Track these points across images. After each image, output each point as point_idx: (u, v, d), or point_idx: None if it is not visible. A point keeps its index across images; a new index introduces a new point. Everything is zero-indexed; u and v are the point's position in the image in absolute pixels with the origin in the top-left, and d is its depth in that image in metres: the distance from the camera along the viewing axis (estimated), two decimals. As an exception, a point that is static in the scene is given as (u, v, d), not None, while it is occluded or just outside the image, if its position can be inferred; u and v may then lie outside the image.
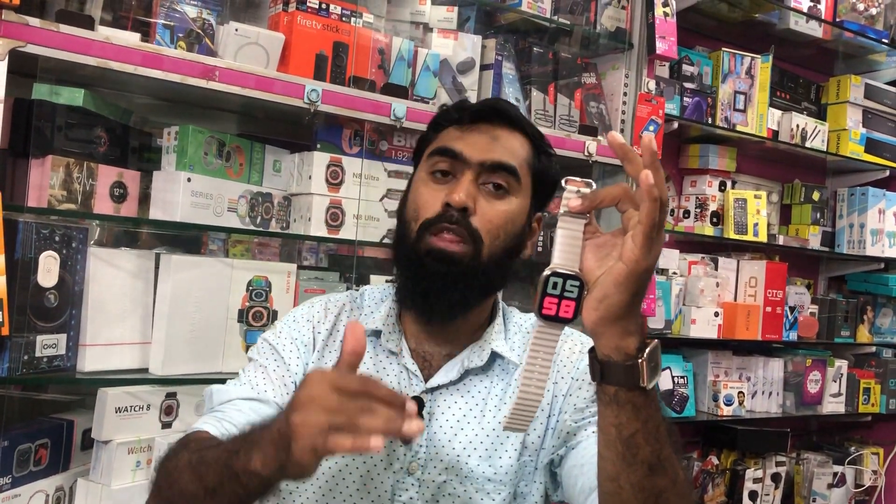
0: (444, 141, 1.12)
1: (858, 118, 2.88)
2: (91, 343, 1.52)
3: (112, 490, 1.49)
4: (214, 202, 1.64)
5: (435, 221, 1.05)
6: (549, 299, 0.82)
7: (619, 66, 2.23)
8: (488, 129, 1.11)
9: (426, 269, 1.05)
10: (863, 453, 2.96)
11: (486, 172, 1.08)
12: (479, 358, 1.11)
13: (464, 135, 1.11)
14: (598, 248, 0.83)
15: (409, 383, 1.11)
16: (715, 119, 2.52)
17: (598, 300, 0.80)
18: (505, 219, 1.08)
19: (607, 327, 0.81)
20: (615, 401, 0.83)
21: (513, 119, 1.13)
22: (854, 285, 3.05)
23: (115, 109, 1.62)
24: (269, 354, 1.14)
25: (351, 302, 1.21)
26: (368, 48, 1.78)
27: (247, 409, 1.07)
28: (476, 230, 1.05)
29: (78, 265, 1.50)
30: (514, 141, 1.12)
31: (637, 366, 0.81)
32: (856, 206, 2.90)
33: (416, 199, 1.10)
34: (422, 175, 1.12)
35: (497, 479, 1.07)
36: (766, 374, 2.67)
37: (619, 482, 0.85)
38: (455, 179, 1.08)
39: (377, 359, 1.14)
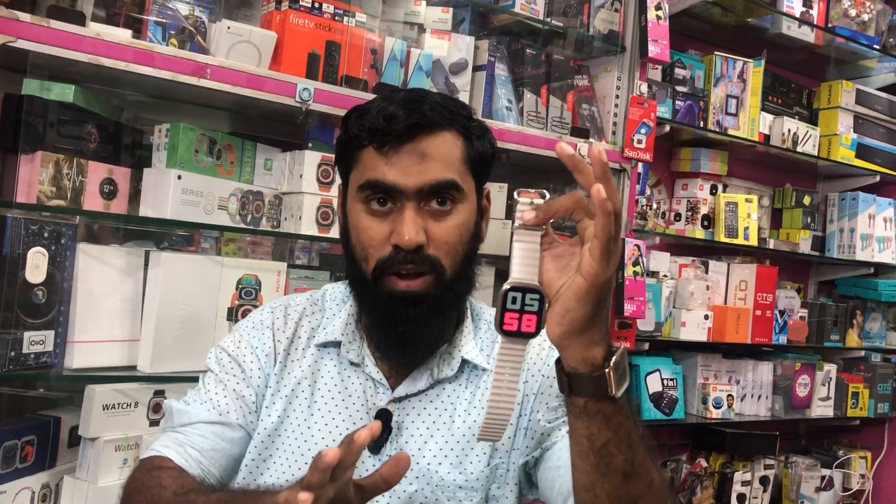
0: (369, 171, 1.03)
1: (850, 123, 2.89)
2: (79, 340, 1.51)
3: (99, 487, 1.49)
4: (205, 200, 1.64)
5: (390, 263, 1.01)
6: (510, 314, 0.79)
7: (611, 68, 2.24)
8: (413, 146, 1.02)
9: (393, 313, 1.02)
10: (851, 457, 2.97)
11: (426, 197, 1.02)
12: (449, 367, 1.09)
13: (390, 160, 1.02)
14: (556, 258, 0.81)
15: (375, 392, 1.09)
16: (707, 123, 2.53)
17: (560, 315, 0.79)
18: (459, 233, 1.04)
19: (572, 340, 0.80)
20: (585, 412, 0.82)
21: (436, 123, 1.03)
22: (844, 290, 3.07)
23: (106, 106, 1.62)
24: (228, 367, 1.12)
25: (311, 305, 1.18)
26: (361, 47, 1.78)
27: (209, 434, 1.07)
28: (434, 258, 1.02)
29: (67, 261, 1.49)
30: (445, 145, 1.04)
31: (604, 376, 0.80)
32: (846, 210, 2.92)
33: (361, 235, 1.04)
34: (357, 206, 1.05)
35: (468, 486, 1.06)
36: (755, 378, 2.68)
37: (595, 492, 0.85)
38: (395, 210, 1.03)
39: (340, 368, 1.11)
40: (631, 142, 2.18)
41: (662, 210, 2.64)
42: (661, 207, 2.63)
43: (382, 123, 1.02)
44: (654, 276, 2.42)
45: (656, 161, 2.34)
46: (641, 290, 2.18)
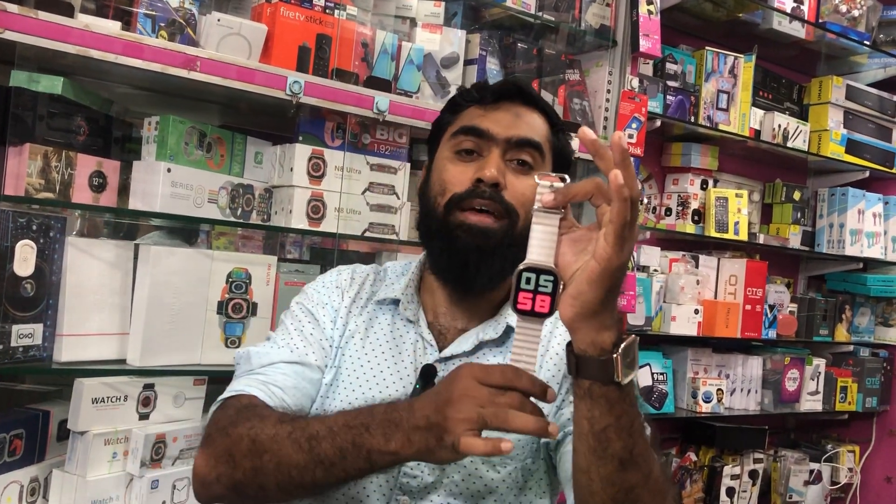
0: (466, 120, 1.13)
1: (840, 119, 2.90)
2: (68, 333, 1.51)
3: (88, 481, 1.49)
4: (195, 193, 1.63)
5: (466, 196, 1.07)
6: (524, 294, 0.82)
7: (602, 63, 2.24)
8: (510, 106, 1.13)
9: (458, 242, 1.07)
10: (839, 451, 2.99)
11: (512, 149, 1.10)
12: (493, 331, 1.13)
13: (487, 113, 1.12)
14: (574, 242, 0.83)
15: (424, 352, 1.14)
16: (698, 118, 2.54)
17: (573, 297, 0.81)
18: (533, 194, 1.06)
19: (583, 323, 0.82)
20: (589, 395, 0.84)
21: (533, 98, 1.15)
22: (833, 284, 3.08)
23: (95, 98, 1.61)
24: (302, 317, 1.18)
25: (375, 274, 1.25)
26: (352, 41, 1.77)
27: (291, 373, 1.11)
28: (510, 204, 1.08)
29: (56, 254, 1.49)
30: (536, 119, 1.14)
31: (611, 361, 0.82)
32: (836, 206, 2.93)
33: (443, 175, 1.11)
34: (446, 154, 1.13)
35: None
36: (744, 372, 2.69)
37: (590, 475, 0.86)
38: (482, 157, 1.10)
39: (394, 325, 1.17)
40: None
41: (653, 205, 2.64)
42: (652, 202, 2.64)
43: (486, 84, 1.16)
44: (645, 271, 2.43)
45: (647, 156, 2.34)
46: (632, 284, 2.19)
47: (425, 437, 0.85)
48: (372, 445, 0.88)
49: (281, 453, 0.93)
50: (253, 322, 1.70)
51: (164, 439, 1.57)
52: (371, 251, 1.95)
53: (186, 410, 1.64)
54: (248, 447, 0.95)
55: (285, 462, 0.92)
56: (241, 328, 1.69)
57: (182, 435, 1.60)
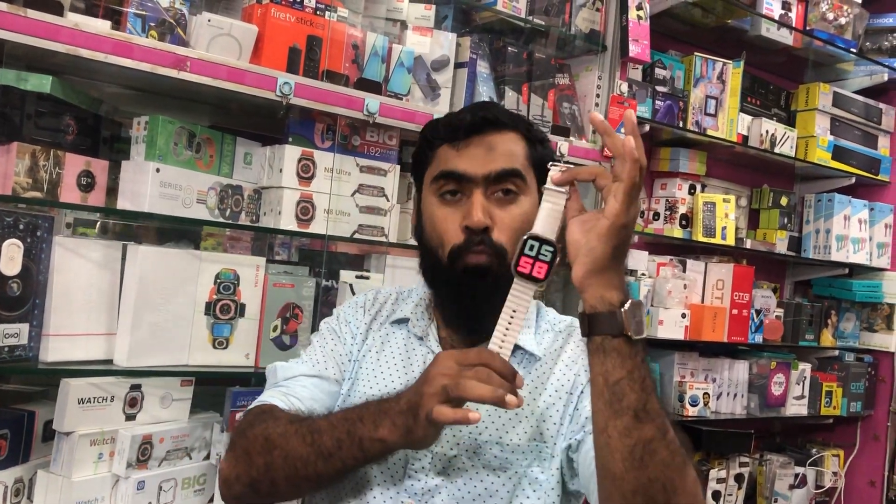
0: (442, 163, 1.16)
1: (826, 125, 2.93)
2: (55, 333, 1.50)
3: (73, 482, 1.48)
4: (183, 193, 1.63)
5: (464, 248, 1.11)
6: (525, 259, 0.94)
7: (592, 67, 2.25)
8: (481, 139, 1.14)
9: (466, 287, 1.12)
10: (824, 455, 3.01)
11: (493, 184, 1.13)
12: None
13: (460, 152, 1.14)
14: (582, 223, 0.94)
15: None
16: (686, 123, 2.55)
17: (584, 254, 0.91)
18: (521, 221, 1.13)
19: (593, 279, 0.91)
20: (601, 349, 0.91)
21: (503, 122, 1.16)
22: (819, 290, 3.11)
23: (84, 98, 1.60)
24: (327, 334, 1.26)
25: (398, 294, 1.31)
26: (342, 42, 1.78)
27: (310, 385, 1.19)
28: (497, 244, 1.11)
29: (43, 254, 1.48)
30: (510, 143, 1.16)
31: (619, 313, 0.90)
32: (822, 212, 2.95)
33: (436, 225, 1.15)
34: (431, 199, 1.17)
35: (503, 457, 1.10)
36: (731, 376, 2.71)
37: (608, 431, 0.90)
38: (466, 198, 1.14)
39: (408, 341, 1.22)
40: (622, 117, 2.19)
41: (641, 209, 2.65)
42: (640, 206, 2.65)
43: (454, 121, 1.17)
44: (633, 275, 2.44)
45: (636, 160, 2.35)
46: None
47: (406, 418, 0.96)
48: (363, 434, 0.98)
49: (288, 447, 1.03)
50: (241, 323, 1.70)
51: (151, 440, 1.56)
52: (360, 253, 1.95)
53: (173, 411, 1.63)
54: (261, 445, 1.05)
55: (291, 455, 1.02)
56: (229, 329, 1.68)
57: (169, 436, 1.60)
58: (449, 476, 1.10)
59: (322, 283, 1.81)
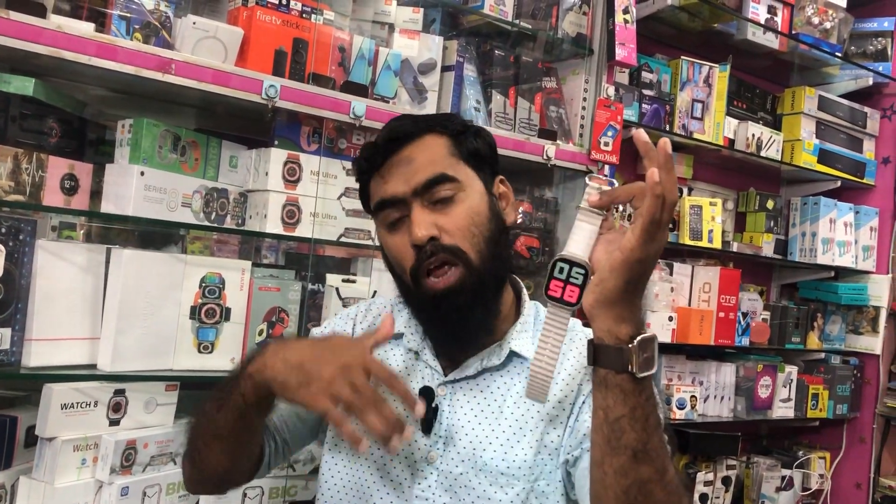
0: (376, 194, 1.16)
1: (812, 129, 2.94)
2: (37, 338, 1.48)
3: (56, 488, 1.46)
4: (168, 197, 1.62)
5: (418, 266, 1.10)
6: (556, 282, 0.90)
7: (579, 71, 2.25)
8: (399, 157, 1.13)
9: (437, 311, 1.10)
10: (810, 457, 3.02)
11: (424, 194, 1.11)
12: (497, 357, 1.15)
13: (385, 178, 1.14)
14: (609, 242, 0.89)
15: (431, 378, 1.17)
16: (672, 126, 2.56)
17: (595, 284, 0.87)
18: (468, 216, 1.11)
19: (602, 310, 0.87)
20: (604, 384, 0.87)
21: (413, 133, 1.14)
22: (805, 293, 3.12)
23: (68, 100, 1.59)
24: None
25: (391, 307, 1.28)
26: (328, 45, 1.77)
27: None
28: (452, 247, 1.09)
29: (25, 258, 1.47)
30: (428, 147, 1.14)
31: (626, 350, 0.85)
32: (808, 215, 2.96)
33: (391, 252, 1.16)
34: (381, 231, 1.17)
35: (510, 473, 1.09)
36: (718, 379, 2.71)
37: (604, 468, 0.88)
38: (406, 218, 1.12)
39: (406, 357, 1.21)
40: (598, 144, 2.19)
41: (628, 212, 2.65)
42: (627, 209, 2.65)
43: (369, 151, 1.16)
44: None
45: (623, 163, 2.36)
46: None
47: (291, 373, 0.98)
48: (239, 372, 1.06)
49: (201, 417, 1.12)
50: (226, 327, 1.69)
51: (135, 445, 1.55)
52: (347, 257, 1.95)
53: (158, 416, 1.62)
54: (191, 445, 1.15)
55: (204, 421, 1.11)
56: (215, 333, 1.67)
57: (153, 441, 1.59)
58: (456, 493, 1.09)
59: (308, 286, 1.80)
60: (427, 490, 1.10)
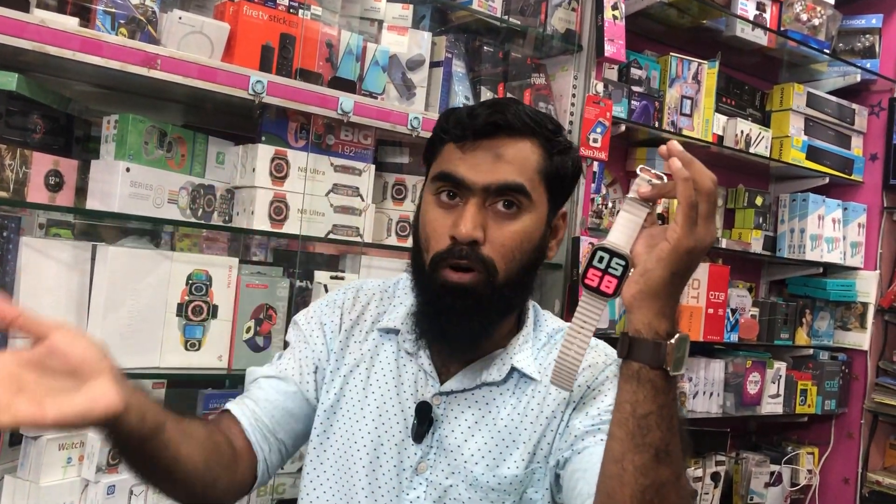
0: (445, 163, 1.07)
1: (801, 126, 2.95)
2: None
3: (41, 487, 1.45)
4: (154, 193, 1.61)
5: (445, 256, 1.04)
6: (594, 271, 0.88)
7: (568, 67, 2.25)
8: (491, 145, 1.05)
9: (442, 304, 1.05)
10: (799, 453, 3.04)
11: (492, 196, 1.04)
12: (497, 372, 1.10)
13: (465, 155, 1.05)
14: (651, 237, 0.87)
15: (426, 383, 1.12)
16: (662, 123, 2.56)
17: (639, 274, 0.85)
18: (520, 239, 1.05)
19: (643, 302, 0.85)
20: (636, 378, 0.86)
21: (517, 129, 1.06)
22: (794, 289, 3.13)
23: (53, 96, 1.58)
24: (295, 337, 1.20)
25: (382, 291, 1.22)
26: (316, 41, 1.76)
27: (266, 386, 1.14)
28: (487, 258, 1.03)
29: (10, 255, 1.45)
30: (522, 151, 1.06)
31: (664, 346, 0.84)
32: (797, 211, 2.97)
33: (426, 225, 1.08)
34: (428, 197, 1.09)
35: (500, 489, 1.07)
36: (707, 375, 2.72)
37: (623, 464, 0.86)
38: (462, 204, 1.05)
39: (398, 355, 1.15)
40: (587, 141, 2.19)
41: (618, 209, 2.66)
42: (617, 206, 2.66)
43: (465, 119, 1.06)
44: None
45: (612, 160, 2.36)
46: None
47: None
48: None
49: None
50: (213, 325, 1.68)
51: (121, 444, 1.54)
52: (336, 253, 1.94)
53: (144, 414, 1.61)
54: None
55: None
56: (202, 331, 1.66)
57: (140, 439, 1.57)
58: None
59: (296, 283, 1.80)
60: (416, 501, 1.07)
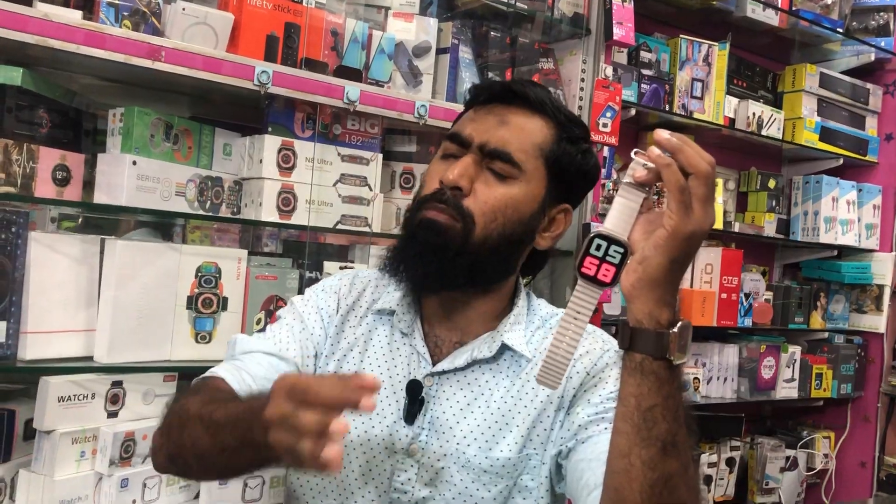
0: (457, 125, 1.13)
1: (813, 107, 2.91)
2: (33, 331, 1.47)
3: (56, 481, 1.46)
4: (161, 186, 1.60)
5: (428, 199, 1.07)
6: (591, 259, 0.85)
7: (576, 52, 2.22)
8: (502, 111, 1.09)
9: (412, 239, 1.07)
10: (814, 437, 3.01)
11: (486, 157, 1.07)
12: (488, 349, 1.11)
13: (476, 116, 1.11)
14: (648, 223, 0.85)
15: (418, 365, 1.12)
16: (672, 106, 2.53)
17: (637, 262, 0.83)
18: (504, 202, 1.06)
19: (643, 291, 0.83)
20: (640, 369, 0.83)
21: (532, 102, 1.09)
22: (808, 272, 3.10)
23: (58, 90, 1.57)
24: (291, 318, 1.18)
25: (377, 280, 1.22)
26: (321, 29, 1.75)
27: (265, 364, 1.11)
28: (466, 210, 1.05)
29: (18, 250, 1.45)
30: (529, 124, 1.09)
31: (667, 335, 0.82)
32: (810, 194, 2.94)
33: (424, 178, 1.13)
34: (436, 157, 1.14)
35: (493, 472, 1.06)
36: (721, 360, 2.70)
37: (630, 458, 0.84)
38: (459, 159, 1.09)
39: (392, 338, 1.15)
40: (596, 125, 2.17)
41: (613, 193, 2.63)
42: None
43: (486, 83, 1.14)
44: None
45: (622, 144, 2.33)
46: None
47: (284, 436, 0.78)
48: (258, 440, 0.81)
49: (195, 434, 0.93)
50: (223, 317, 1.67)
51: (134, 437, 1.54)
52: (346, 244, 1.93)
53: (156, 407, 1.61)
54: (178, 422, 0.97)
55: (197, 444, 0.93)
56: (212, 323, 1.66)
57: (152, 432, 1.57)
58: (437, 488, 1.07)
59: (306, 274, 1.79)
60: (406, 483, 1.07)
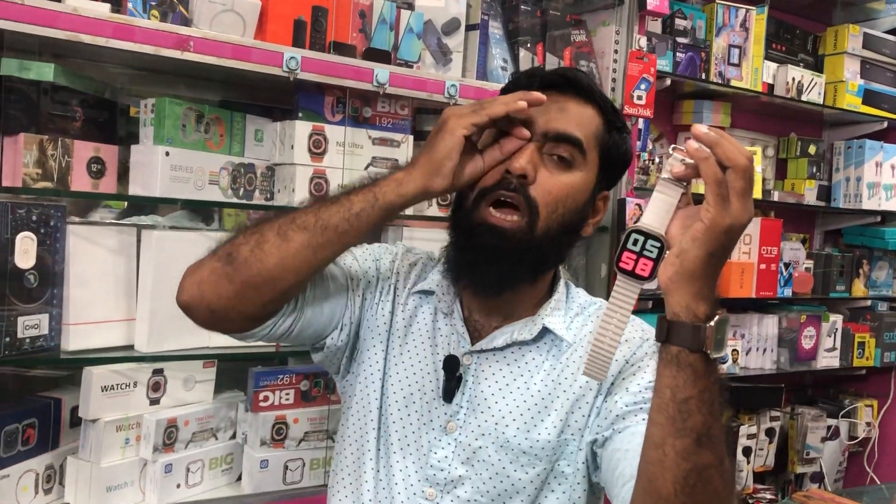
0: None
1: (856, 69, 2.82)
2: (74, 322, 1.50)
3: (102, 468, 1.50)
4: (195, 175, 1.61)
5: (492, 189, 1.04)
6: (628, 254, 0.85)
7: (609, 22, 2.17)
8: (557, 98, 1.08)
9: (476, 241, 1.05)
10: (857, 406, 2.97)
11: (550, 143, 1.06)
12: (528, 332, 1.10)
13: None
14: (686, 217, 0.85)
15: (458, 344, 1.12)
16: (709, 74, 2.47)
17: (675, 255, 0.83)
18: (566, 192, 1.06)
19: (681, 284, 0.83)
20: (675, 361, 0.84)
21: (585, 90, 1.09)
22: (850, 239, 3.03)
23: (89, 83, 1.58)
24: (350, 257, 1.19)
25: (428, 259, 1.22)
26: (349, 12, 1.73)
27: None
28: (533, 199, 1.04)
29: (57, 244, 1.48)
30: (585, 113, 1.09)
31: (703, 329, 0.82)
32: (852, 159, 2.86)
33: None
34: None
35: (532, 453, 1.06)
36: (760, 331, 2.66)
37: (664, 449, 0.84)
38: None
39: (435, 317, 1.16)
40: (631, 98, 2.13)
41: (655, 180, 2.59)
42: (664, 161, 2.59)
43: (542, 71, 1.14)
44: (657, 234, 2.39)
45: (658, 115, 2.29)
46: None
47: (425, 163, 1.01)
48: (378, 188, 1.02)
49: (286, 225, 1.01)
50: (260, 303, 1.69)
51: (176, 423, 1.58)
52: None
53: (197, 393, 1.64)
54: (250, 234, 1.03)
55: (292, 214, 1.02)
56: (248, 310, 1.67)
57: (194, 418, 1.61)
58: (473, 467, 1.07)
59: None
60: (443, 460, 1.07)
